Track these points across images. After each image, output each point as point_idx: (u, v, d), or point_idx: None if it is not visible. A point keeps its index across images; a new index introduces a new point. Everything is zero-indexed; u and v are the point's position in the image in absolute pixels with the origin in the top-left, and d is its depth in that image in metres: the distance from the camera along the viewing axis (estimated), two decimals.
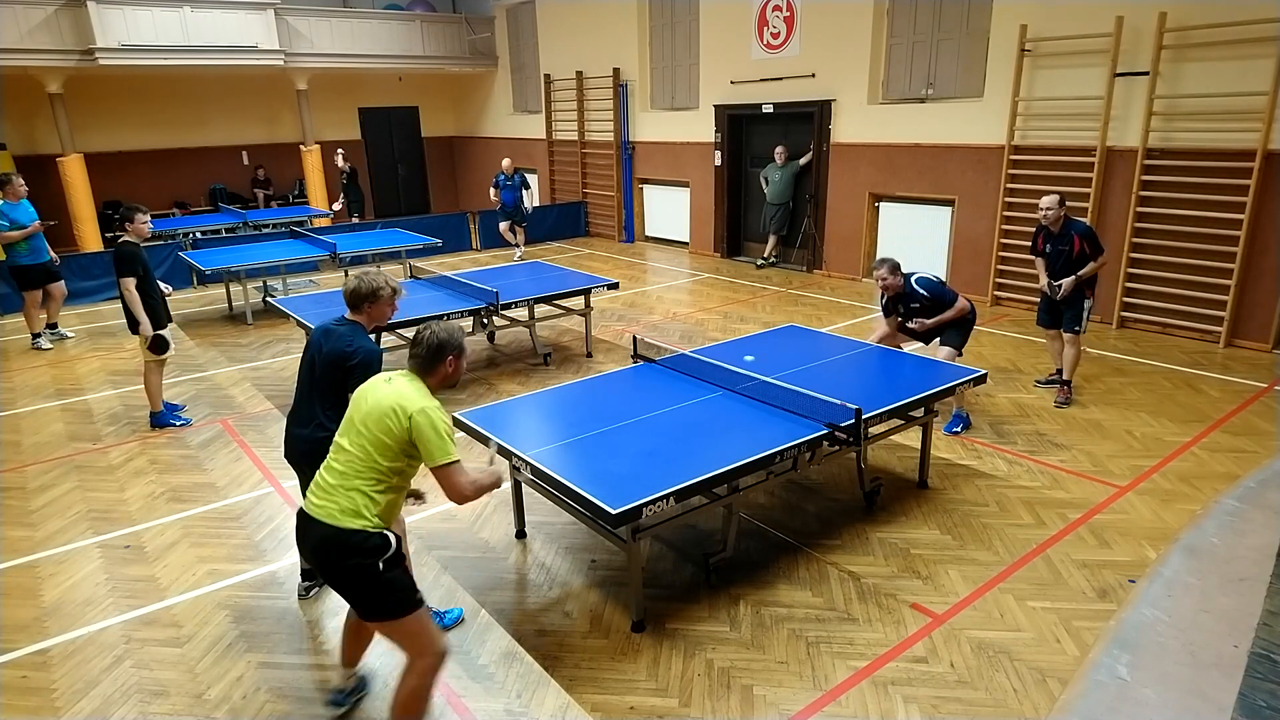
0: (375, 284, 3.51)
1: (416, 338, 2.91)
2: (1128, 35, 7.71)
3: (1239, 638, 1.11)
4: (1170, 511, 4.61)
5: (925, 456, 4.95)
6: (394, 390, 2.83)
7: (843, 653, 3.49)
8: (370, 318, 3.57)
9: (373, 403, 2.82)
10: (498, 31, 16.93)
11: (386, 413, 2.76)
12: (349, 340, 3.43)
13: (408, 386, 2.84)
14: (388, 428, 2.74)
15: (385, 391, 2.84)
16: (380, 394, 2.84)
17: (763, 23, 11.29)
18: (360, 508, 2.73)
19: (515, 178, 12.24)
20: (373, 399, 2.84)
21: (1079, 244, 5.96)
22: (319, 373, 3.50)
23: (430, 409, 2.76)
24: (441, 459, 2.73)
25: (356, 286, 3.51)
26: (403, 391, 2.81)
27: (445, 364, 2.91)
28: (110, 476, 5.43)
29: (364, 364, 3.34)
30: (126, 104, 15.24)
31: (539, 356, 7.65)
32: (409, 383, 2.87)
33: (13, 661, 3.58)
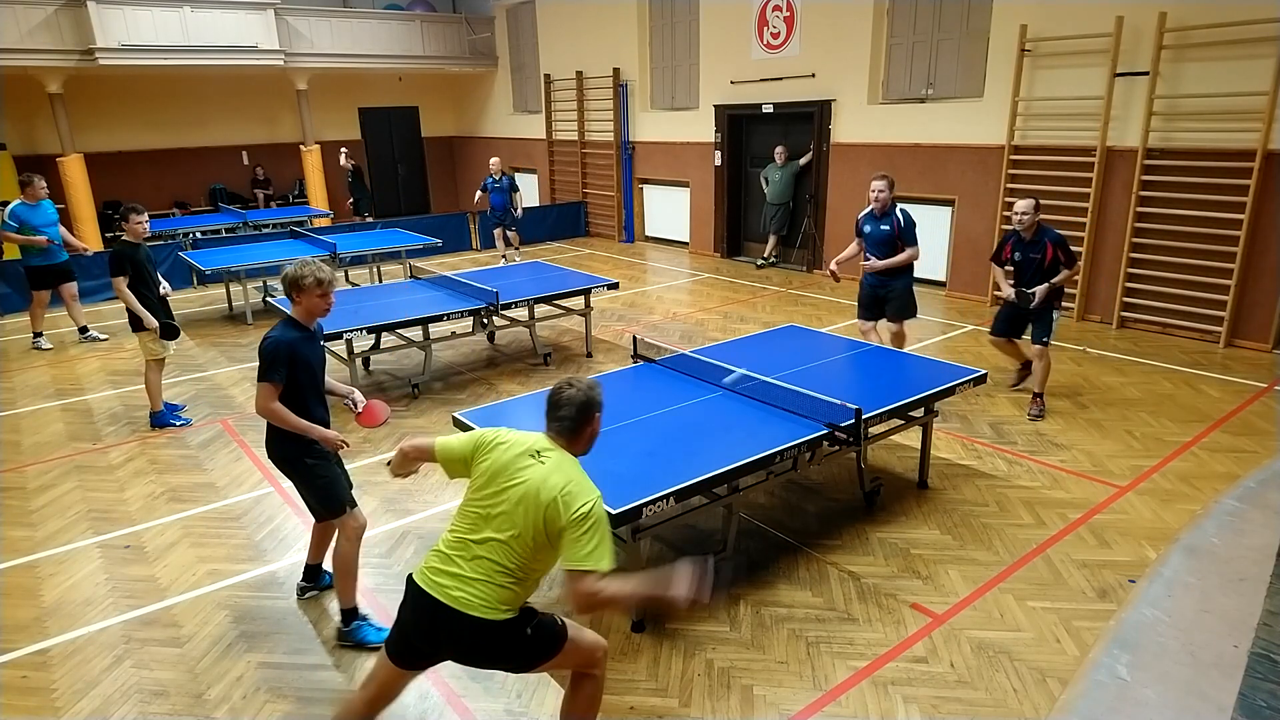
0: (298, 273, 3.47)
1: (557, 398, 2.57)
2: (1128, 35, 7.71)
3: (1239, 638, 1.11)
4: (1170, 511, 4.61)
5: (925, 456, 4.95)
6: (552, 473, 2.44)
7: (843, 653, 3.49)
8: (303, 310, 3.54)
9: (527, 487, 2.43)
10: (498, 31, 16.93)
11: (548, 504, 2.38)
12: (267, 335, 3.49)
13: (568, 467, 2.48)
14: (549, 519, 2.39)
15: (540, 475, 2.44)
16: (534, 476, 2.45)
17: (763, 23, 11.29)
18: (509, 599, 2.46)
19: (504, 179, 11.75)
20: (524, 480, 2.45)
21: (1052, 251, 5.84)
22: None
23: (599, 501, 2.43)
24: (593, 564, 2.34)
25: (283, 274, 3.52)
26: (566, 474, 2.44)
27: (593, 423, 2.61)
28: (110, 476, 5.43)
29: (260, 353, 3.40)
30: (126, 104, 15.24)
31: (539, 356, 7.65)
32: (565, 461, 2.50)
33: (13, 661, 3.58)
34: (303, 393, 3.51)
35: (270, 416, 3.43)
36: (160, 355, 6.10)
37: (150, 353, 6.04)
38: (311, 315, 3.58)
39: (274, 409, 3.40)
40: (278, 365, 3.40)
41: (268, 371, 3.38)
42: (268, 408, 3.40)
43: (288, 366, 3.41)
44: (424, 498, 5.02)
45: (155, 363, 6.10)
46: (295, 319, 3.55)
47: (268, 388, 3.38)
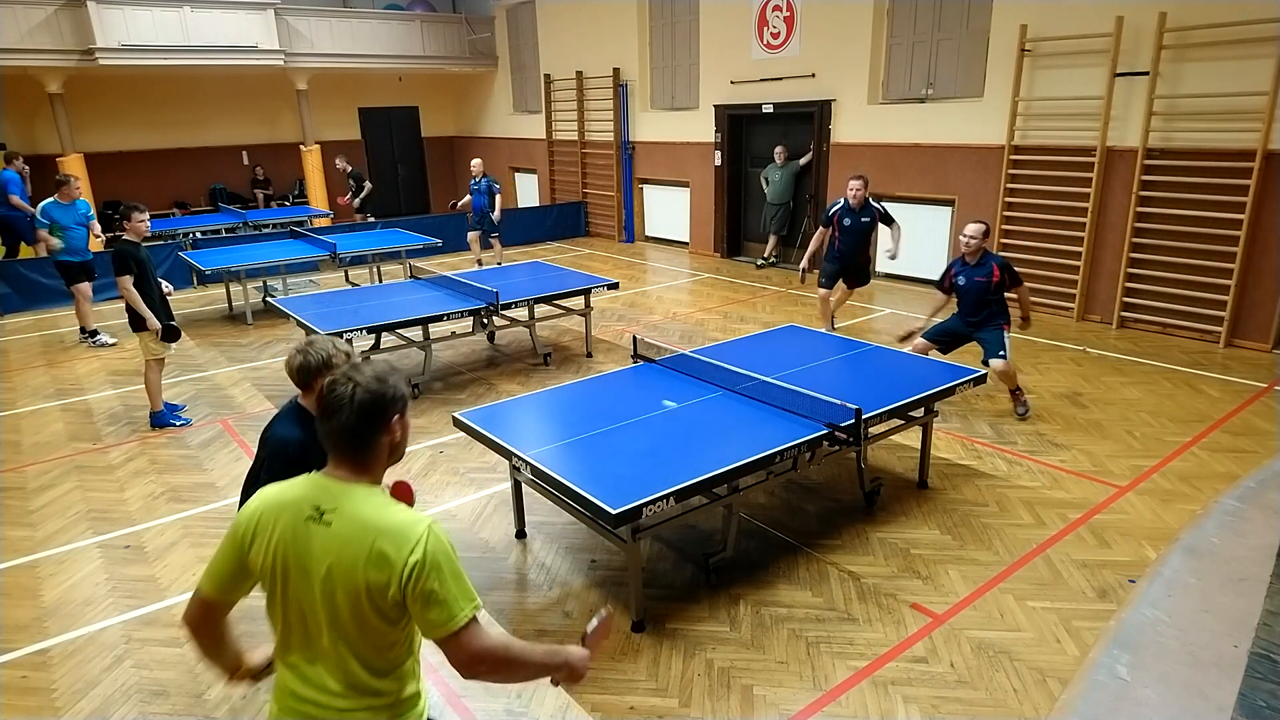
0: (328, 354, 2.73)
1: (329, 402, 1.77)
2: (1128, 35, 7.71)
3: (1239, 638, 1.11)
4: (1170, 511, 4.61)
5: (925, 456, 4.95)
6: (349, 533, 1.72)
7: (843, 653, 3.49)
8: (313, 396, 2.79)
9: (326, 566, 1.73)
10: (498, 31, 16.93)
11: (365, 577, 1.70)
12: (271, 428, 2.79)
13: (367, 510, 1.75)
14: (375, 591, 1.70)
15: (335, 543, 1.73)
16: (328, 548, 1.73)
17: (763, 23, 11.29)
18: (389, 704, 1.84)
19: (482, 181, 10.95)
20: (316, 558, 1.74)
21: (999, 273, 5.95)
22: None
23: (431, 532, 1.74)
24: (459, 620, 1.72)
25: (304, 362, 2.73)
26: (367, 524, 1.72)
27: (391, 431, 1.82)
28: (110, 476, 5.43)
29: (271, 455, 2.66)
30: (126, 104, 15.24)
31: (539, 356, 7.64)
32: (360, 504, 1.76)
33: (13, 661, 3.58)
34: None
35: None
36: (160, 355, 6.10)
37: (150, 352, 6.04)
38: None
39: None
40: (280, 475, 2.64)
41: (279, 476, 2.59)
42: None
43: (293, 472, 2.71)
44: (424, 498, 5.02)
45: (155, 362, 6.10)
46: (305, 408, 2.83)
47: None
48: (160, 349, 6.05)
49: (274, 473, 2.56)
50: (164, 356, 6.17)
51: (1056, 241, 8.68)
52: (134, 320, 5.92)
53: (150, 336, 5.95)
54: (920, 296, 9.84)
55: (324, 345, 2.77)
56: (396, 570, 1.69)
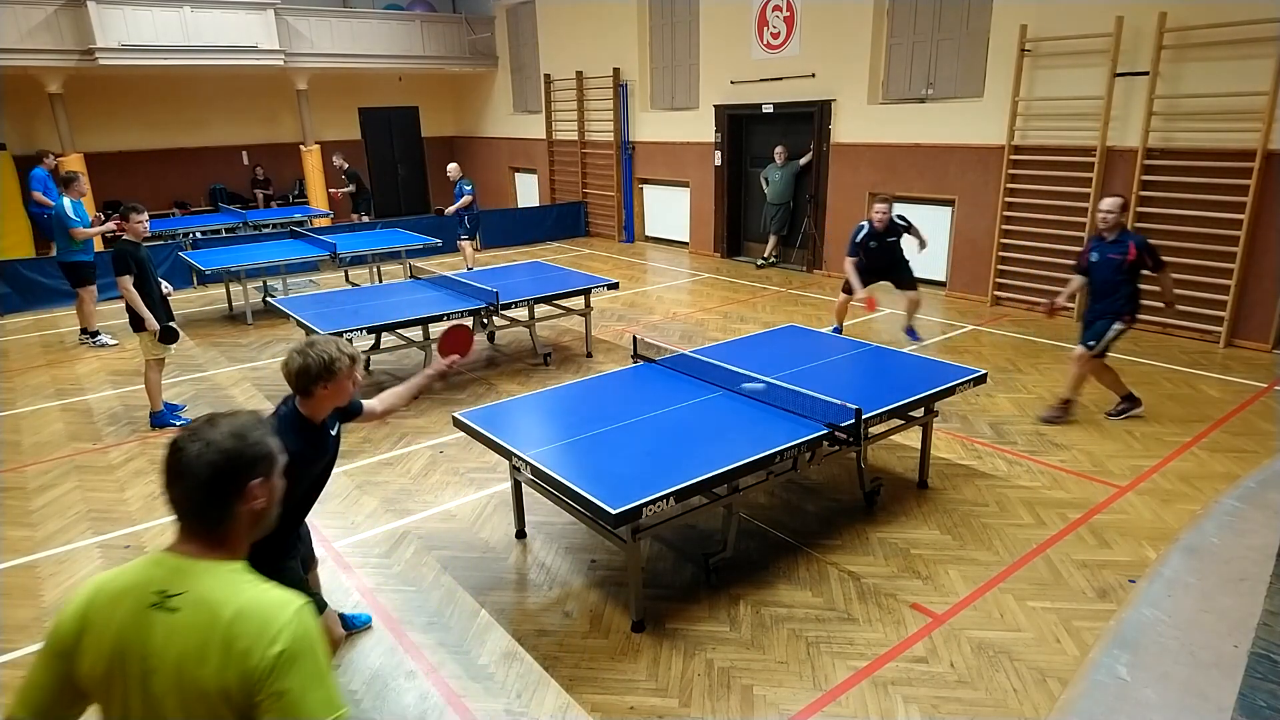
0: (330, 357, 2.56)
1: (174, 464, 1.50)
2: (1128, 35, 7.71)
3: (1239, 638, 1.11)
4: (1170, 511, 4.61)
5: (925, 456, 4.95)
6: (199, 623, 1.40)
7: (843, 653, 3.49)
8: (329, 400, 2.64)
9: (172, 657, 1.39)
10: (498, 31, 16.93)
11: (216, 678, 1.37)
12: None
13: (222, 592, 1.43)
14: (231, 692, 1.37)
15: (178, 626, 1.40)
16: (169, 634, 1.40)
17: (763, 23, 11.29)
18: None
19: (456, 185, 10.88)
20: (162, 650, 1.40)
21: (1135, 252, 5.46)
22: None
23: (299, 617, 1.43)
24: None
25: (304, 364, 2.55)
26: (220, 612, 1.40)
27: (249, 497, 1.51)
28: (110, 476, 5.43)
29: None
30: (126, 104, 15.25)
31: (539, 356, 7.64)
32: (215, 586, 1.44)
33: (13, 661, 3.58)
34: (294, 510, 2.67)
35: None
36: (160, 355, 6.11)
37: (150, 352, 6.04)
38: (334, 405, 2.72)
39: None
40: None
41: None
42: None
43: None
44: (424, 498, 5.03)
45: (155, 362, 6.10)
46: (305, 416, 2.65)
47: None
48: (159, 350, 6.05)
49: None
50: (164, 357, 6.17)
51: (1056, 242, 8.68)
52: (134, 320, 5.92)
53: (149, 337, 5.96)
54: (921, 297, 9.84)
55: (326, 347, 2.57)
56: (252, 664, 1.35)
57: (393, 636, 3.67)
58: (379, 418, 3.27)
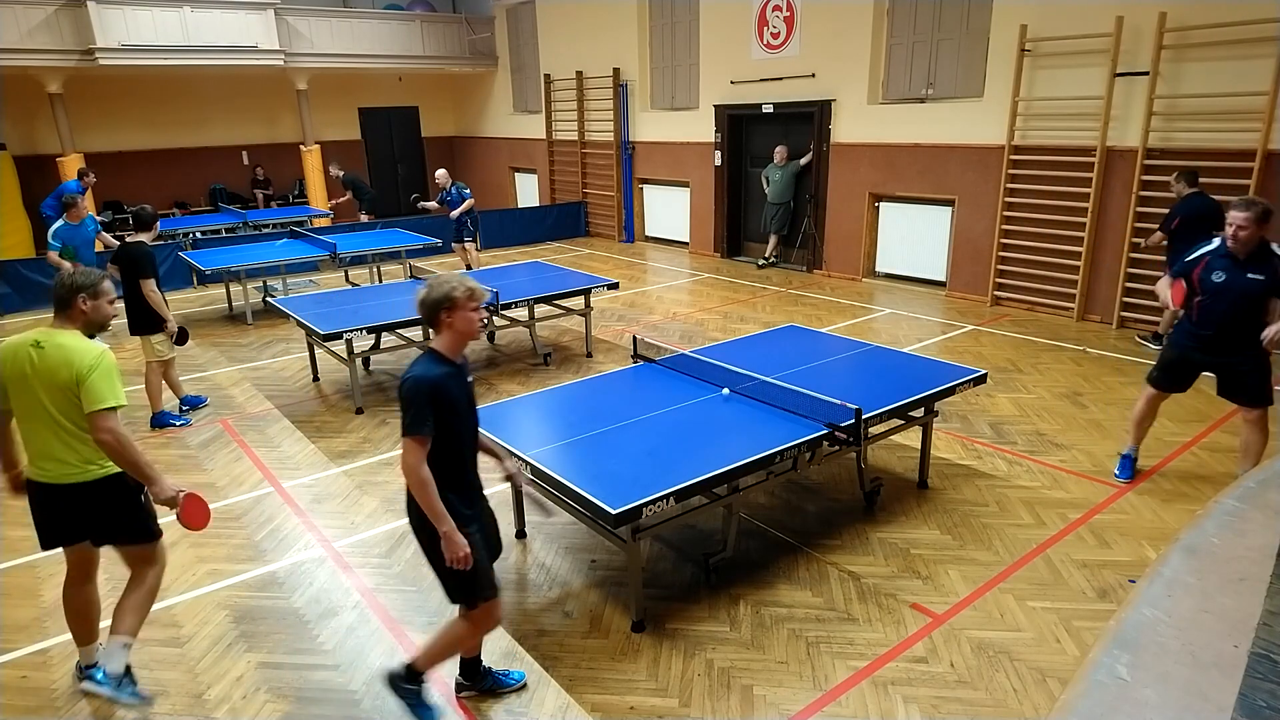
0: (448, 288, 2.80)
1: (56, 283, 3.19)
2: (1128, 35, 7.71)
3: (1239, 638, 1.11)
4: (1170, 511, 4.61)
5: (925, 456, 4.95)
6: (55, 353, 3.00)
7: (843, 653, 3.49)
8: (455, 335, 2.85)
9: (41, 377, 3.00)
10: (498, 31, 16.93)
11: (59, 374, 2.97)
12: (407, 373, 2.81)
13: (67, 340, 3.04)
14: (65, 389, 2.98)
15: (43, 357, 3.00)
16: (39, 360, 3.00)
17: (763, 23, 11.29)
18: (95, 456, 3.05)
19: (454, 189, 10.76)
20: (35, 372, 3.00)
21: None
22: None
23: (108, 358, 3.02)
24: (102, 405, 2.93)
25: (423, 297, 2.82)
26: (65, 348, 3.01)
27: (79, 305, 3.09)
28: None
29: (401, 396, 2.77)
30: (126, 104, 15.25)
31: (539, 356, 7.65)
32: (64, 335, 3.06)
33: (13, 661, 3.58)
34: (455, 446, 2.86)
35: (416, 485, 2.72)
36: (164, 357, 6.15)
37: (154, 354, 6.08)
38: (464, 341, 2.89)
39: (424, 476, 2.71)
40: (423, 411, 2.70)
41: (411, 421, 2.71)
42: (417, 472, 2.70)
43: (434, 412, 2.72)
44: None
45: (156, 364, 6.13)
46: (439, 351, 2.85)
47: (414, 443, 2.70)
48: (167, 350, 6.11)
49: (417, 412, 2.70)
50: (168, 359, 6.21)
51: (1056, 241, 8.68)
52: (138, 323, 5.95)
53: (158, 338, 6.02)
54: (921, 297, 9.85)
55: (445, 279, 2.84)
56: (79, 370, 2.93)
57: (393, 636, 3.67)
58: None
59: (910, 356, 5.72)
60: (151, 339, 6.05)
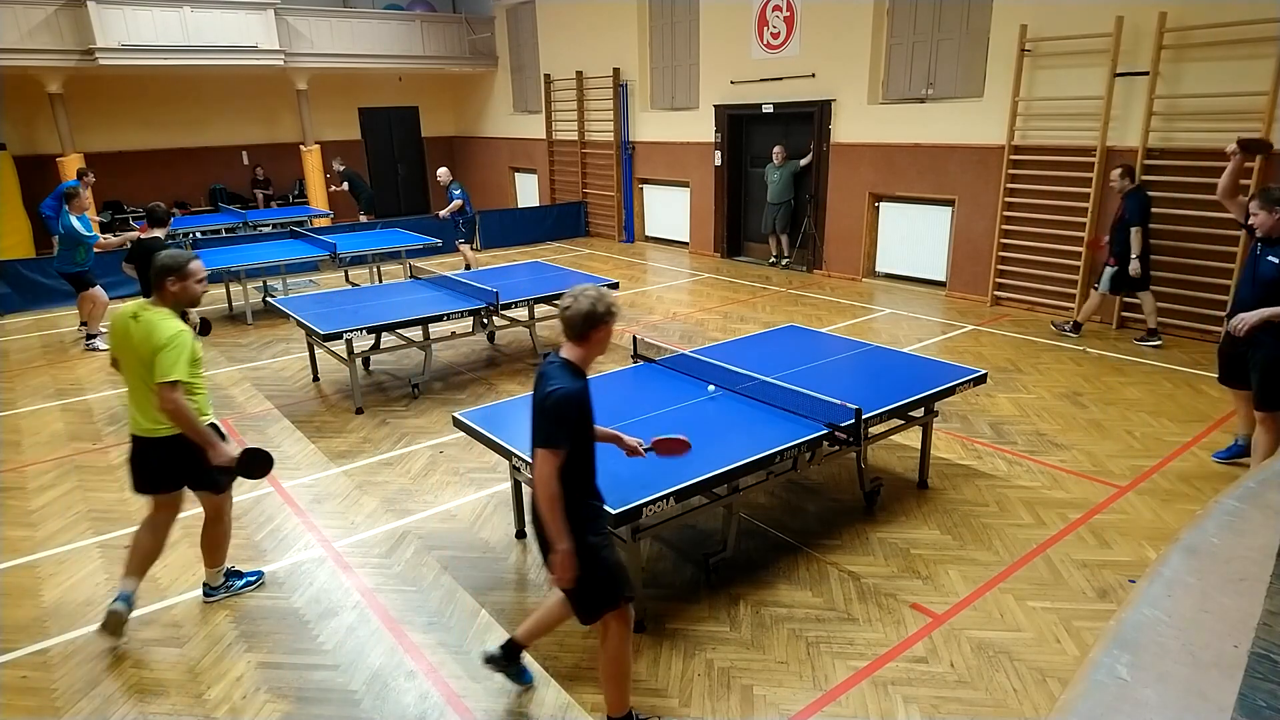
0: (599, 302, 2.77)
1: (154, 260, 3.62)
2: (1128, 35, 7.71)
3: (1239, 638, 1.11)
4: (1170, 511, 4.61)
5: (925, 456, 4.95)
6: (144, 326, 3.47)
7: (843, 653, 3.49)
8: (595, 349, 2.83)
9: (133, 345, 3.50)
10: (498, 31, 16.93)
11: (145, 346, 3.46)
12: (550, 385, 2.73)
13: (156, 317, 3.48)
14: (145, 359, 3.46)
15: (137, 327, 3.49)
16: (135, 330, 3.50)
17: (763, 23, 11.29)
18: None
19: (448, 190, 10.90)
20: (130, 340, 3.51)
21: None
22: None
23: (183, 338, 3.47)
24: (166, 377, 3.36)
25: (570, 309, 2.77)
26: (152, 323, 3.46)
27: (167, 286, 3.51)
28: (110, 476, 5.43)
29: (552, 408, 2.67)
30: (126, 104, 15.25)
31: (539, 356, 7.64)
32: (154, 311, 3.52)
33: (13, 661, 3.58)
34: (588, 455, 2.85)
35: (548, 498, 2.68)
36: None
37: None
38: (597, 356, 2.88)
39: (555, 490, 2.67)
40: (567, 427, 2.68)
41: (555, 434, 2.67)
42: (551, 484, 2.67)
43: (576, 425, 2.73)
44: (424, 498, 5.03)
45: None
46: (575, 364, 2.79)
47: (553, 455, 2.66)
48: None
49: (563, 425, 2.66)
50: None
51: (1056, 241, 8.68)
52: None
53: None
54: (921, 297, 9.85)
55: (600, 294, 2.79)
56: (155, 344, 3.38)
57: (393, 636, 3.67)
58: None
59: (910, 356, 5.72)
60: None
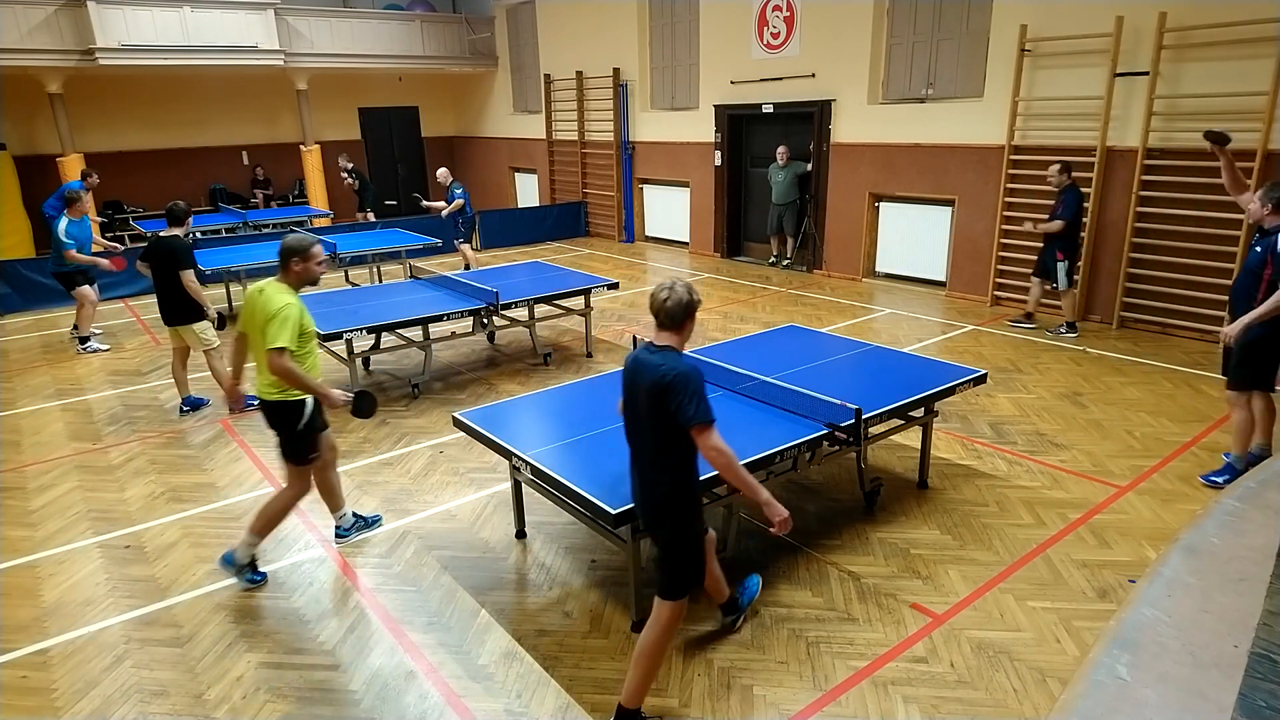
0: (691, 293, 2.96)
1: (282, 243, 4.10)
2: (1128, 35, 7.71)
3: (1239, 638, 1.11)
4: (1170, 511, 4.61)
5: (925, 456, 4.95)
6: (263, 298, 3.86)
7: (843, 653, 3.49)
8: (687, 336, 2.98)
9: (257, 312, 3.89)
10: (498, 31, 16.93)
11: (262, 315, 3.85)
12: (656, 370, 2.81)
13: (273, 290, 3.89)
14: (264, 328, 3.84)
15: (260, 299, 3.88)
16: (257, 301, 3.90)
17: (763, 23, 11.29)
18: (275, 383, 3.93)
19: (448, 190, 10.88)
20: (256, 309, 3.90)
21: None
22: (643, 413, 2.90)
23: (291, 310, 3.83)
24: (275, 343, 3.75)
25: (666, 300, 2.91)
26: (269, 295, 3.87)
27: (293, 266, 3.94)
28: (110, 476, 5.43)
29: (688, 383, 2.75)
30: (126, 104, 15.24)
31: (539, 356, 7.64)
32: (274, 285, 3.94)
33: (13, 661, 3.58)
34: (694, 448, 2.89)
35: (728, 463, 2.80)
36: (213, 345, 6.40)
37: (202, 343, 6.35)
38: (686, 341, 3.02)
39: (732, 453, 2.80)
40: (706, 396, 2.78)
41: (704, 407, 2.74)
42: (727, 450, 2.79)
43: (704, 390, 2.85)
44: (424, 498, 5.03)
45: (213, 352, 6.41)
46: (676, 349, 2.93)
47: (711, 426, 2.76)
48: (213, 337, 6.38)
49: (702, 397, 2.75)
50: (216, 346, 6.43)
51: None
52: (174, 314, 6.19)
53: (199, 327, 6.28)
54: (921, 297, 9.85)
55: (685, 285, 2.98)
56: (269, 314, 3.78)
57: (393, 636, 3.67)
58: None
59: (910, 356, 5.72)
60: (195, 328, 6.29)
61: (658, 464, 2.90)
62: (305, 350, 3.92)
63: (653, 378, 2.78)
